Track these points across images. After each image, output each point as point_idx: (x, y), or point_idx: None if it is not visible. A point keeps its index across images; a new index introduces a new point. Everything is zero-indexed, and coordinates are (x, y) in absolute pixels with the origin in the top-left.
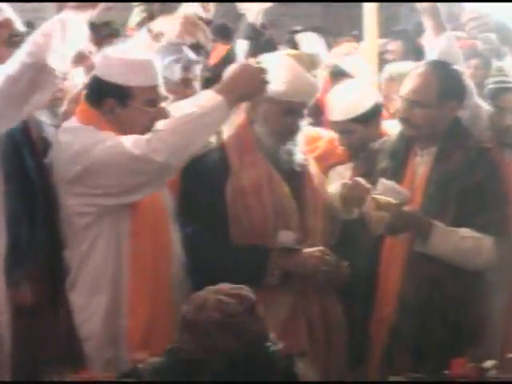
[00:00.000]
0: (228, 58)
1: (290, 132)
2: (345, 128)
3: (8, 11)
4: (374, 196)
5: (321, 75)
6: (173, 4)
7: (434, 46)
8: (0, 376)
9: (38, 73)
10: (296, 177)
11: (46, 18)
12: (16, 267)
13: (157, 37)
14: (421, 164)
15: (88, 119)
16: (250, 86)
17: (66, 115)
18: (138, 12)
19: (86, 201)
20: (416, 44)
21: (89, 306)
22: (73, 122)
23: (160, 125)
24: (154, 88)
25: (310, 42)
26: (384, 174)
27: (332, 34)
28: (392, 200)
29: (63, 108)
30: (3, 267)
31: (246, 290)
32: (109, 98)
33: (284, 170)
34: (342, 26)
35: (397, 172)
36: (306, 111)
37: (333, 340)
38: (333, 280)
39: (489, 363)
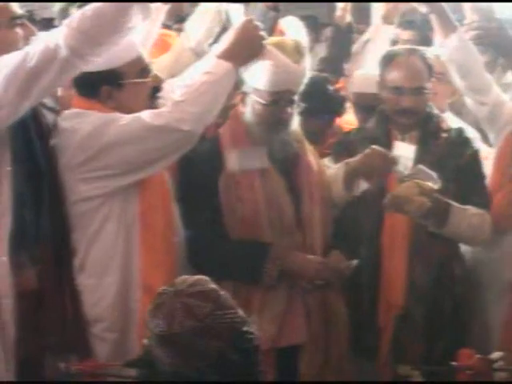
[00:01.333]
0: None
1: (281, 121)
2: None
3: None
4: (418, 181)
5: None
6: None
7: (445, 46)
8: (5, 361)
9: (69, 59)
10: (291, 166)
11: (49, 5)
12: (21, 249)
13: None
14: None
15: (90, 108)
16: (251, 47)
17: (63, 101)
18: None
19: (95, 184)
20: (426, 34)
21: (99, 287)
22: (75, 110)
23: (176, 96)
24: (139, 58)
25: (293, 27)
26: None
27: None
28: (434, 185)
29: (59, 93)
30: (7, 249)
31: (204, 281)
32: (103, 86)
33: (278, 160)
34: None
35: None
36: (294, 98)
37: (333, 331)
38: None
39: (496, 354)
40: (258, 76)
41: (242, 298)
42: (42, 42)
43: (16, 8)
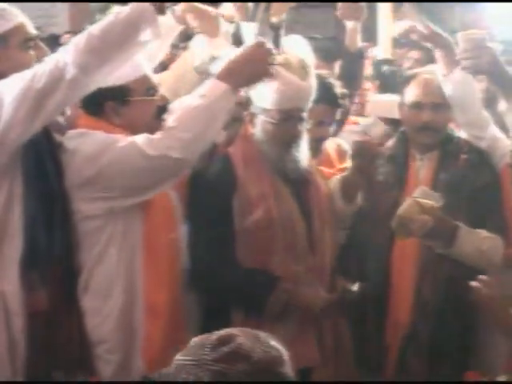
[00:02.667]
0: None
1: (291, 138)
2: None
3: (20, 15)
4: (418, 199)
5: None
6: None
7: (448, 80)
8: (13, 379)
9: (77, 77)
10: (303, 186)
11: (57, 23)
12: (32, 270)
13: (180, 19)
14: (421, 168)
15: (95, 128)
16: (255, 69)
17: (71, 120)
18: None
19: (97, 205)
20: (431, 54)
21: (102, 308)
22: (79, 130)
23: (169, 121)
24: (146, 77)
25: (297, 45)
26: (385, 180)
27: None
28: (435, 204)
29: (68, 112)
30: (18, 270)
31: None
32: (108, 102)
33: (291, 179)
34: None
35: (398, 177)
36: (304, 114)
37: (340, 347)
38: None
39: (503, 377)
40: (265, 96)
41: (252, 320)
42: (50, 61)
43: (31, 29)
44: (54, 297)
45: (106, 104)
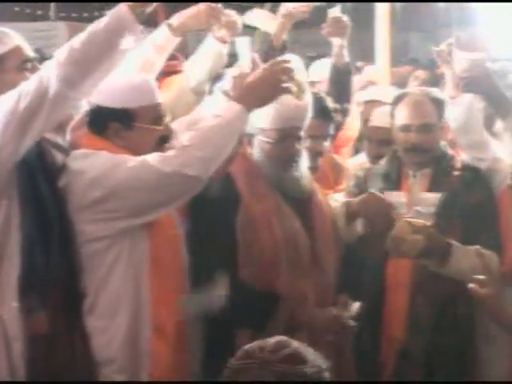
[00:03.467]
0: None
1: (290, 157)
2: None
3: (18, 38)
4: (409, 220)
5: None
6: None
7: (456, 103)
8: None
9: (62, 91)
10: (305, 203)
11: (56, 44)
12: (31, 293)
13: (177, 30)
14: (415, 185)
15: (98, 147)
16: (270, 90)
17: (71, 144)
18: None
19: (103, 225)
20: (435, 73)
21: (109, 329)
22: (83, 151)
23: (184, 139)
24: (157, 106)
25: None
26: None
27: None
28: (427, 223)
29: (68, 137)
30: (17, 292)
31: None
32: (113, 122)
33: (292, 198)
34: (354, 55)
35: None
36: (301, 133)
37: (342, 362)
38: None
39: None
40: (262, 116)
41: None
42: (35, 78)
43: (28, 51)
44: (56, 319)
45: (110, 124)
